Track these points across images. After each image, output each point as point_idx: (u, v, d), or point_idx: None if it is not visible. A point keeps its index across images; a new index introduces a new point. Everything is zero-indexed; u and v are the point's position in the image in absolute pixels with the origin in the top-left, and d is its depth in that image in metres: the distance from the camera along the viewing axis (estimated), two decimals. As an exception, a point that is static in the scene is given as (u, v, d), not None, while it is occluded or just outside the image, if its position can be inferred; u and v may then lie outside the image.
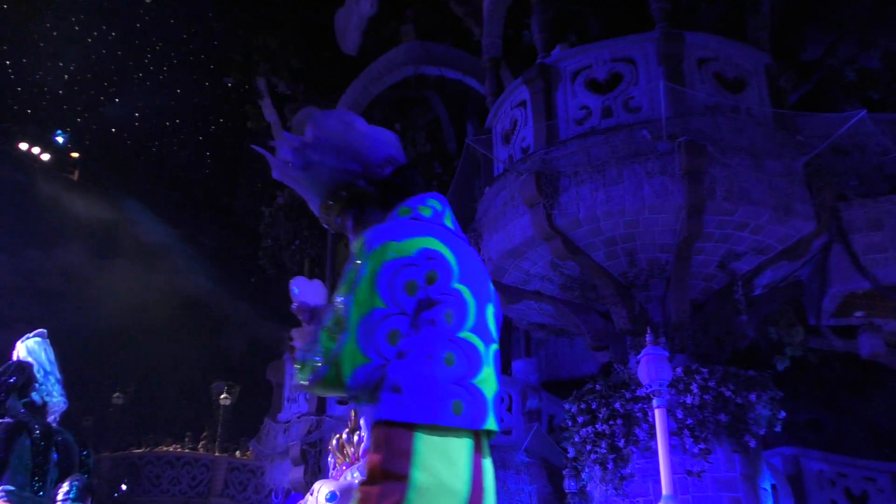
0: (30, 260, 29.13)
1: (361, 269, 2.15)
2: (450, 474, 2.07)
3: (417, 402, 2.08)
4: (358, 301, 2.13)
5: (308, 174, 2.46)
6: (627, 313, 9.55)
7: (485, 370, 2.20)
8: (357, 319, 2.12)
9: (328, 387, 2.18)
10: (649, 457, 8.74)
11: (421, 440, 2.07)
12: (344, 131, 2.41)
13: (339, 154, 2.39)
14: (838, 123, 9.39)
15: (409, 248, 2.17)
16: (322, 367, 2.15)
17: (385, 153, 2.41)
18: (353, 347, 2.11)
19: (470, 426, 2.13)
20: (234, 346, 31.92)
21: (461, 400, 2.12)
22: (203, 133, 35.96)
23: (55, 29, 31.65)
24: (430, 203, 2.35)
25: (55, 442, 5.14)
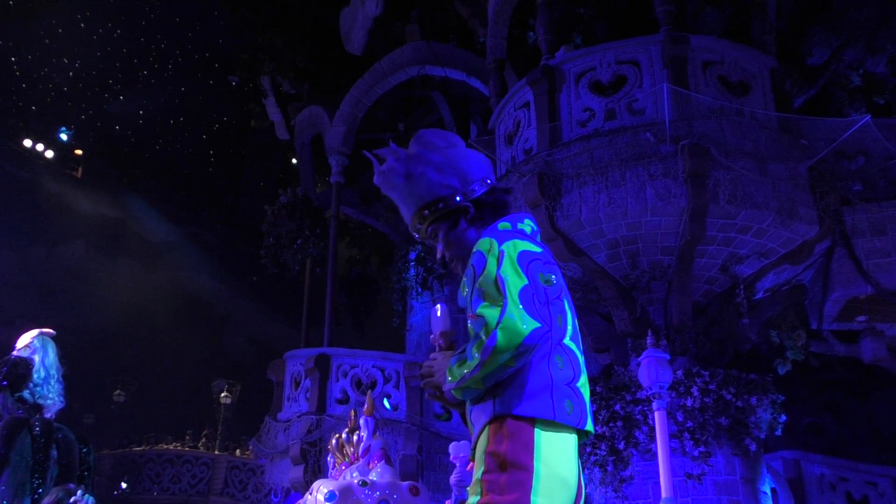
0: (33, 257, 29.18)
1: (501, 256, 2.27)
2: (565, 468, 2.21)
3: (540, 399, 2.22)
4: (511, 275, 2.23)
5: (408, 184, 2.57)
6: (629, 315, 9.55)
7: (583, 377, 2.36)
8: (516, 290, 2.21)
9: (500, 354, 2.16)
10: (649, 459, 8.73)
11: (541, 435, 2.19)
12: (446, 148, 2.56)
13: (440, 169, 2.53)
14: (843, 128, 9.39)
15: (532, 246, 2.35)
16: (490, 337, 2.16)
17: (482, 173, 2.56)
18: (519, 311, 2.18)
19: (577, 425, 2.26)
20: (236, 345, 31.96)
21: (571, 401, 2.26)
22: (207, 131, 36.02)
23: (60, 26, 31.71)
24: (526, 222, 2.51)
25: (55, 439, 5.14)
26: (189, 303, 31.31)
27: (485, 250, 2.31)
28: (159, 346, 29.55)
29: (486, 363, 2.19)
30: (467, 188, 2.52)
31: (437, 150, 2.55)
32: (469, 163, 2.55)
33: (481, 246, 2.33)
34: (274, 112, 17.19)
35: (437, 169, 2.52)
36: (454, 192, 2.52)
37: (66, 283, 29.11)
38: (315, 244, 15.50)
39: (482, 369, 2.21)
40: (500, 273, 2.24)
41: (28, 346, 5.46)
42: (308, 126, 16.31)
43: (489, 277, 2.25)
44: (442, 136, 2.61)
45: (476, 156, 2.59)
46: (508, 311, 2.17)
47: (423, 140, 2.59)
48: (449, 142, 2.59)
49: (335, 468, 7.07)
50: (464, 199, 2.52)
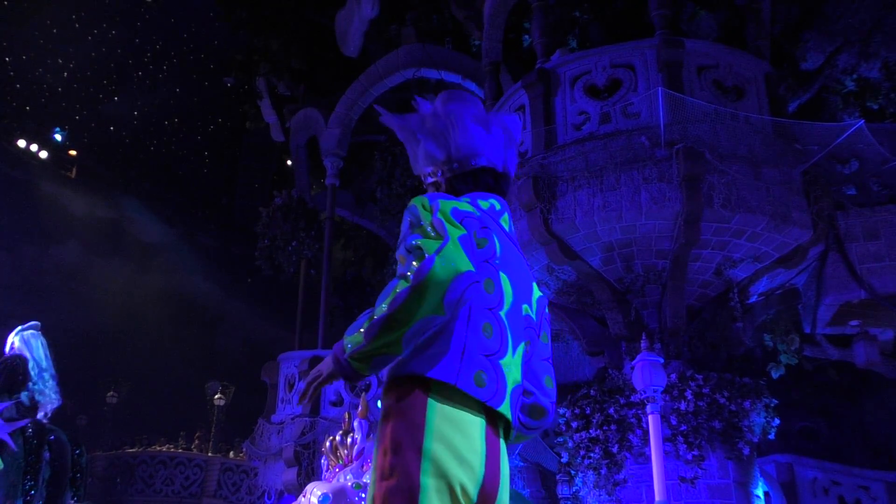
0: (27, 257, 29.09)
1: (434, 207, 2.18)
2: (465, 447, 2.04)
3: (444, 360, 2.05)
4: (448, 222, 2.15)
5: (412, 145, 2.59)
6: (623, 319, 9.56)
7: (508, 356, 2.19)
8: (455, 235, 2.12)
9: (432, 286, 2.00)
10: (643, 463, 8.74)
11: (435, 410, 2.03)
12: (451, 116, 2.50)
13: (435, 139, 2.51)
14: (837, 132, 9.42)
15: (467, 207, 2.27)
16: (426, 260, 2.03)
17: (470, 150, 2.49)
18: (459, 249, 2.08)
19: (487, 401, 2.08)
20: (229, 346, 31.89)
21: (486, 374, 2.09)
22: (202, 132, 35.97)
23: (55, 26, 31.64)
24: (489, 200, 2.42)
25: (48, 441, 5.11)
26: (183, 304, 31.24)
27: (417, 204, 2.23)
28: (153, 347, 29.48)
29: (416, 291, 2.00)
30: (447, 165, 2.50)
31: (440, 118, 2.52)
32: (462, 137, 2.49)
33: (415, 201, 2.26)
34: (269, 114, 17.18)
35: (433, 139, 2.51)
36: (436, 168, 2.52)
37: (59, 284, 29.02)
38: (310, 246, 15.51)
39: (407, 299, 2.00)
40: (437, 217, 2.15)
41: (13, 347, 5.43)
42: (303, 128, 16.31)
43: (425, 222, 2.16)
44: (457, 102, 2.55)
45: (475, 130, 2.51)
46: (448, 245, 2.07)
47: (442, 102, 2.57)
48: (458, 110, 2.53)
49: (329, 470, 7.06)
50: (441, 176, 2.52)
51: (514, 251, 2.39)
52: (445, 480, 2.00)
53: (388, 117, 2.65)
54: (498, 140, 2.54)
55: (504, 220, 2.43)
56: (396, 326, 2.02)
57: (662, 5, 9.81)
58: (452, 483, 2.00)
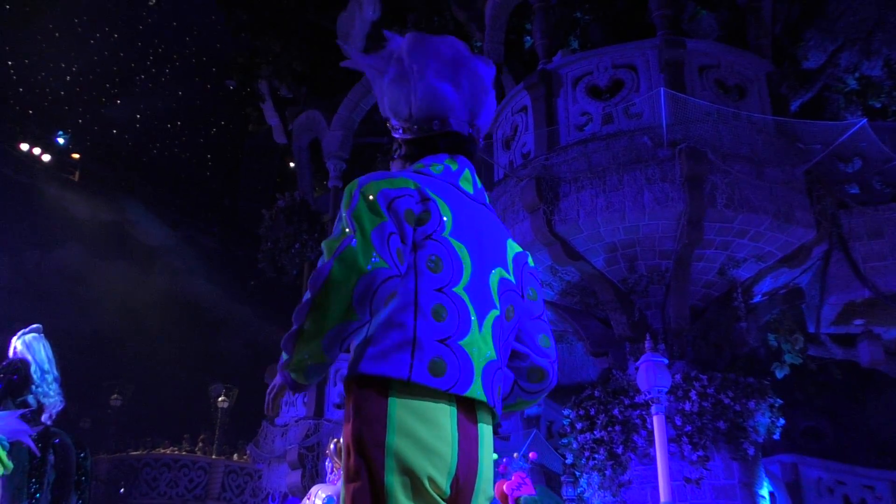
0: (29, 260, 29.14)
1: (353, 198, 2.00)
2: (431, 436, 1.92)
3: (393, 356, 1.92)
4: (363, 215, 1.96)
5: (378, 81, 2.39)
6: (627, 319, 9.55)
7: (472, 333, 2.02)
8: (369, 228, 1.94)
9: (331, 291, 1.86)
10: (647, 464, 8.73)
11: (396, 403, 1.91)
12: (415, 71, 2.29)
13: (399, 88, 2.31)
14: (839, 131, 9.41)
15: (405, 183, 2.07)
16: (323, 266, 1.89)
17: (432, 113, 2.28)
18: (366, 244, 1.91)
19: (449, 389, 1.94)
20: (233, 349, 31.89)
21: (444, 359, 1.95)
22: (204, 135, 36.01)
23: (57, 30, 31.70)
24: (444, 161, 2.25)
25: (52, 444, 5.11)
26: (186, 307, 31.25)
27: (346, 193, 2.06)
28: (156, 349, 29.49)
29: (315, 303, 1.86)
30: (407, 124, 2.31)
31: (405, 66, 2.30)
32: (425, 96, 2.27)
33: (347, 187, 2.09)
34: (271, 116, 17.20)
35: (397, 88, 2.31)
36: (398, 123, 2.33)
37: (62, 287, 29.05)
38: (313, 248, 15.51)
39: (311, 313, 1.87)
40: (350, 215, 1.96)
41: (15, 351, 5.44)
42: (306, 130, 16.32)
43: (343, 218, 1.99)
44: (422, 51, 2.31)
45: (440, 88, 2.28)
46: (351, 245, 1.89)
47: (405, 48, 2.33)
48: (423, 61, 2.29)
49: (333, 473, 7.05)
50: (401, 134, 2.33)
51: (477, 214, 2.21)
52: (411, 476, 1.89)
53: (355, 57, 2.48)
54: (466, 94, 2.32)
55: (464, 179, 2.26)
56: (308, 338, 1.90)
57: (663, 5, 9.82)
58: (420, 476, 1.89)
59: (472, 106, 2.34)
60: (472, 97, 2.34)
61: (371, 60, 2.40)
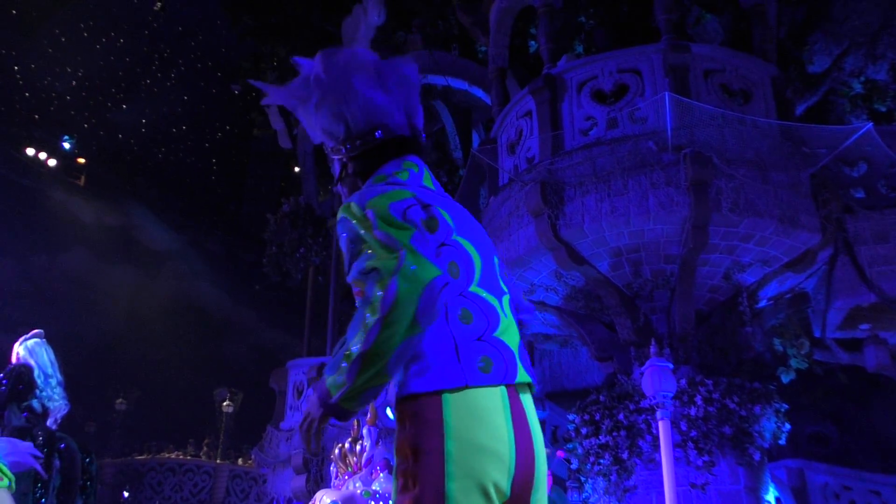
0: (35, 265, 29.21)
1: (370, 217, 1.97)
2: (488, 437, 1.91)
3: (442, 367, 1.93)
4: (393, 229, 1.95)
5: (302, 112, 2.35)
6: (632, 324, 9.53)
7: (503, 321, 2.06)
8: (407, 239, 1.93)
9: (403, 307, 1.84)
10: (653, 469, 8.70)
11: (449, 405, 1.90)
12: (342, 88, 2.25)
13: (328, 111, 2.28)
14: (844, 135, 9.39)
15: (403, 194, 2.06)
16: (388, 288, 1.85)
17: (370, 124, 2.25)
18: (418, 256, 1.89)
19: (502, 381, 1.97)
20: (238, 353, 31.92)
21: (488, 356, 1.97)
22: (209, 140, 36.09)
23: (63, 35, 31.82)
24: (405, 166, 2.21)
25: (58, 449, 5.12)
26: (191, 311, 31.31)
27: (350, 216, 2.03)
28: (161, 354, 29.54)
29: (386, 321, 1.84)
30: (349, 143, 2.26)
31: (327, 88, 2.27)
32: (359, 109, 2.25)
33: (345, 212, 2.05)
34: (276, 121, 17.22)
35: (326, 111, 2.27)
36: (337, 144, 2.29)
37: (68, 292, 29.12)
38: (317, 252, 15.53)
39: (381, 333, 1.84)
40: (379, 231, 1.95)
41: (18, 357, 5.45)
42: (310, 135, 16.34)
43: (370, 238, 1.96)
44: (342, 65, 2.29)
45: (371, 97, 2.25)
46: (407, 258, 1.87)
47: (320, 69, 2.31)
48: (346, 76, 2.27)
49: (338, 478, 7.05)
50: (345, 153, 2.28)
51: (454, 205, 2.20)
52: (473, 480, 1.88)
53: (272, 93, 2.44)
54: (398, 96, 2.29)
55: (426, 179, 2.23)
56: (376, 360, 1.87)
57: (668, 10, 9.81)
58: (483, 481, 1.89)
59: (405, 106, 2.32)
60: (404, 97, 2.32)
61: (289, 91, 2.37)
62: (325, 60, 2.32)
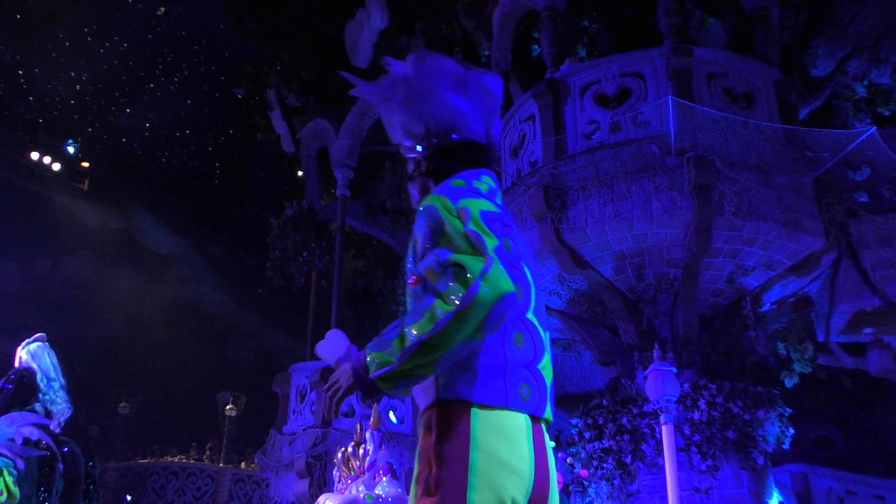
0: (39, 269, 29.26)
1: (465, 213, 2.03)
2: (511, 455, 1.97)
3: (489, 383, 1.98)
4: (483, 233, 2.00)
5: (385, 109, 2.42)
6: (635, 328, 9.52)
7: (546, 356, 2.13)
8: (491, 248, 1.97)
9: (479, 308, 1.88)
10: (656, 473, 8.69)
11: (479, 420, 1.95)
12: (427, 87, 2.33)
13: (412, 111, 2.34)
14: (848, 139, 9.38)
15: (493, 207, 2.11)
16: (472, 286, 1.89)
17: (452, 123, 2.33)
18: (501, 269, 1.93)
19: (534, 412, 2.04)
20: (241, 357, 31.94)
21: (529, 386, 2.04)
22: (213, 144, 36.15)
23: (67, 39, 31.90)
24: (483, 179, 2.28)
25: (61, 452, 5.12)
26: (194, 315, 31.34)
27: (438, 207, 2.08)
28: (164, 357, 29.56)
29: (459, 317, 1.88)
30: (425, 141, 2.34)
31: (414, 86, 2.34)
32: (440, 109, 2.32)
33: (432, 202, 2.10)
34: (279, 125, 17.23)
35: (409, 110, 2.34)
36: (414, 142, 2.36)
37: (71, 295, 29.16)
38: (320, 256, 15.52)
39: (449, 326, 1.88)
40: (470, 228, 2.00)
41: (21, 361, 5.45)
42: (313, 139, 16.35)
43: (457, 232, 2.01)
44: (430, 67, 2.36)
45: (453, 100, 2.33)
46: (493, 265, 1.92)
47: (410, 69, 2.37)
48: (433, 77, 2.34)
49: (341, 482, 7.04)
50: (421, 152, 2.35)
51: (516, 228, 2.26)
52: (494, 493, 1.92)
53: (360, 87, 2.51)
54: (479, 106, 2.37)
55: (498, 197, 2.30)
56: (433, 351, 1.91)
57: (671, 14, 9.81)
58: (503, 496, 1.93)
59: (484, 116, 2.38)
60: (484, 108, 2.39)
61: (376, 88, 2.43)
62: (415, 62, 2.39)
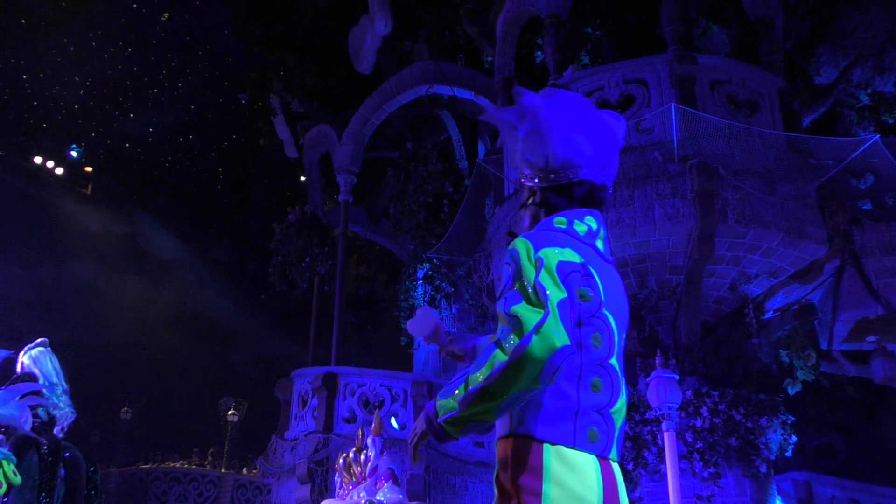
0: (42, 274, 29.27)
1: (539, 264, 2.13)
2: (582, 487, 2.08)
3: (560, 423, 2.11)
4: (550, 285, 2.09)
5: (510, 137, 2.49)
6: (637, 335, 9.51)
7: (621, 399, 2.24)
8: (555, 301, 2.07)
9: (529, 362, 2.00)
10: (658, 480, 8.67)
11: (551, 454, 2.08)
12: (552, 123, 2.40)
13: (532, 144, 2.43)
14: (851, 147, 9.37)
15: (573, 256, 2.21)
16: (524, 338, 2.01)
17: (570, 161, 2.40)
18: (558, 322, 2.03)
19: (601, 454, 2.15)
20: (243, 363, 31.93)
21: (598, 429, 2.15)
22: (216, 149, 36.21)
23: (72, 45, 31.99)
24: (586, 220, 2.38)
25: (63, 458, 5.12)
26: (197, 320, 31.33)
27: (521, 251, 2.19)
28: (167, 363, 29.56)
29: (512, 368, 2.01)
30: (543, 174, 2.42)
31: (541, 120, 2.42)
32: (562, 147, 2.40)
33: (517, 245, 2.21)
34: (283, 130, 17.27)
35: (532, 141, 2.43)
36: (533, 173, 2.45)
37: (74, 300, 29.18)
38: (323, 262, 15.53)
39: (503, 375, 2.02)
40: (539, 280, 2.11)
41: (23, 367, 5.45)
42: (317, 144, 16.38)
43: (528, 281, 2.12)
44: (559, 103, 2.44)
45: (576, 140, 2.41)
46: (548, 320, 2.03)
47: (540, 101, 2.45)
48: (560, 114, 2.42)
49: (342, 487, 7.04)
50: (537, 183, 2.44)
51: (612, 275, 2.37)
52: None
53: (491, 112, 2.59)
54: (599, 147, 2.45)
55: (600, 239, 2.41)
56: (491, 398, 2.05)
57: (675, 21, 9.82)
58: None
59: (603, 156, 2.46)
60: (604, 148, 2.46)
61: (505, 115, 2.50)
62: (546, 96, 2.46)
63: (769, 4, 10.45)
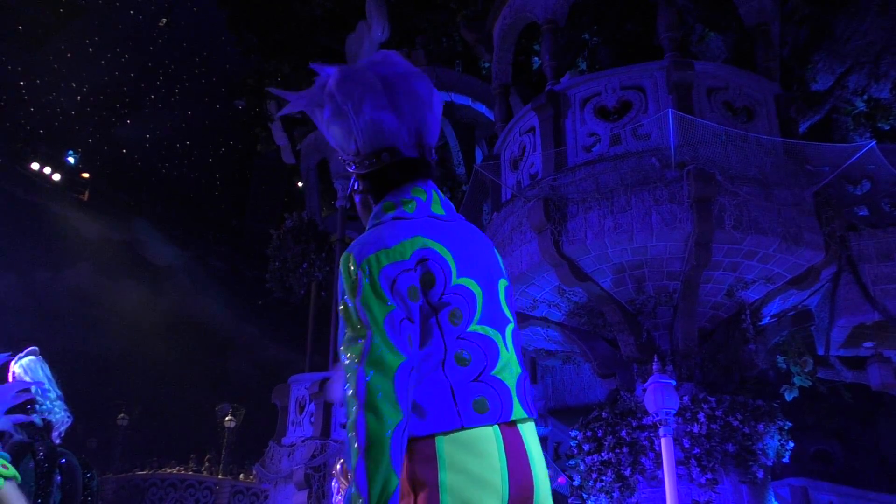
0: (39, 280, 29.24)
1: (359, 280, 1.99)
2: (482, 468, 1.94)
3: (439, 413, 1.96)
4: (371, 303, 1.96)
5: (318, 120, 2.33)
6: (634, 341, 9.51)
7: (502, 357, 2.08)
8: (381, 318, 1.95)
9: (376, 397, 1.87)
10: (655, 486, 8.66)
11: (443, 443, 1.95)
12: (350, 107, 2.23)
13: (339, 125, 2.26)
14: (848, 153, 9.40)
15: (402, 252, 2.03)
16: (359, 373, 1.90)
17: (379, 145, 2.22)
18: (386, 340, 1.92)
19: (496, 421, 2.00)
20: (240, 369, 31.89)
21: (484, 396, 2.00)
22: (213, 155, 36.20)
23: (69, 50, 31.99)
24: (413, 195, 2.20)
25: (59, 464, 5.10)
26: (194, 326, 31.29)
27: (343, 270, 2.04)
28: (163, 369, 29.50)
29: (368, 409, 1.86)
30: (358, 159, 2.24)
31: (338, 102, 2.24)
32: (367, 130, 2.22)
33: (341, 263, 2.05)
34: (280, 136, 17.28)
35: (337, 125, 2.26)
36: (349, 160, 2.27)
37: (71, 307, 29.13)
38: (320, 268, 15.53)
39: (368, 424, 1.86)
40: (360, 303, 1.97)
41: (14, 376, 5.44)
42: (314, 150, 16.39)
43: (347, 307, 1.99)
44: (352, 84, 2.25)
45: (380, 119, 2.21)
46: (373, 344, 1.92)
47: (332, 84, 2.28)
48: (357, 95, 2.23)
49: (339, 493, 7.02)
50: (355, 171, 2.27)
51: (463, 236, 2.18)
52: None
53: (290, 100, 2.42)
54: (408, 117, 2.25)
55: (435, 204, 2.21)
56: (376, 454, 1.87)
57: (671, 28, 9.85)
58: None
59: (415, 127, 2.28)
60: (414, 118, 2.28)
61: (306, 99, 2.36)
62: (338, 77, 2.30)
63: (766, 12, 10.49)
